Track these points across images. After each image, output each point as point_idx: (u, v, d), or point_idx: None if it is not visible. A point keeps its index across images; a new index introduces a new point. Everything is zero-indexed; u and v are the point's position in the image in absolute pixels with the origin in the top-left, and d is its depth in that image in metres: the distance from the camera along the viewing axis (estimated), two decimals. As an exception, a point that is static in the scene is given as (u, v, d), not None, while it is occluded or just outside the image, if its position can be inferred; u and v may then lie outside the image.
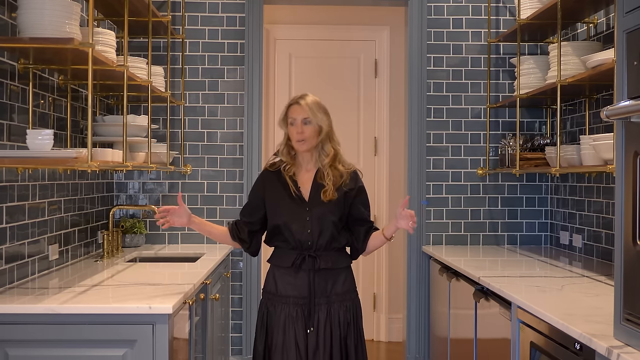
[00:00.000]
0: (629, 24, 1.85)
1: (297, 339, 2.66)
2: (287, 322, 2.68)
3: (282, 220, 2.70)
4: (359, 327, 2.77)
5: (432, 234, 4.45)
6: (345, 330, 2.71)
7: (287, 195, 2.73)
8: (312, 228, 2.68)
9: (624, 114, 1.82)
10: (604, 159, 3.02)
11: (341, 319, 2.70)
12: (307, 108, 2.68)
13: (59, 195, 3.27)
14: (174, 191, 4.39)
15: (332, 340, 2.67)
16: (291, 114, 2.71)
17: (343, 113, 5.55)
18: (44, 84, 3.10)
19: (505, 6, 4.45)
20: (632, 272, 1.83)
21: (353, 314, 2.75)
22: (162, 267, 3.53)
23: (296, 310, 2.68)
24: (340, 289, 2.73)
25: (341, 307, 2.71)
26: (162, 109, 4.29)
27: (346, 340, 2.70)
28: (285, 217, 2.70)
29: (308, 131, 2.68)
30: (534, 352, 2.48)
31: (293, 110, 2.71)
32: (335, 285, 2.72)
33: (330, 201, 2.70)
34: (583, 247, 3.91)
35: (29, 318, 2.37)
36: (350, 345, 2.70)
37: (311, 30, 5.54)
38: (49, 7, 2.53)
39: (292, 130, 2.70)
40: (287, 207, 2.71)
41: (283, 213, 2.71)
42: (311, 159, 2.76)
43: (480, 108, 4.46)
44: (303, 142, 2.69)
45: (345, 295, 2.74)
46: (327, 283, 2.71)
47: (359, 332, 2.76)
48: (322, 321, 2.67)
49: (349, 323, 2.72)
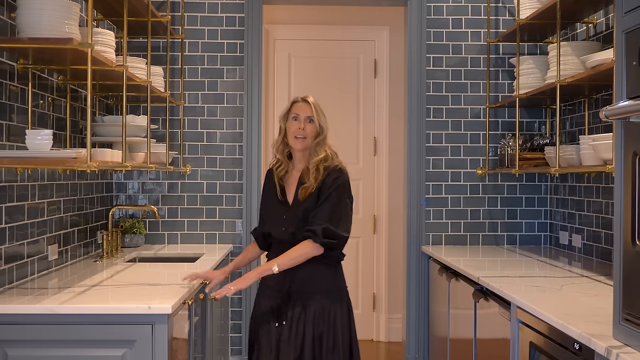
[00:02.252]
0: (628, 24, 1.85)
1: (273, 330, 2.70)
2: (266, 313, 2.73)
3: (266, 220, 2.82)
4: (336, 329, 2.67)
5: (432, 234, 4.45)
6: (320, 330, 2.66)
7: (274, 196, 2.82)
8: (286, 226, 2.73)
9: (623, 114, 1.82)
10: (603, 159, 3.02)
11: (316, 317, 2.66)
12: (312, 107, 2.74)
13: (58, 196, 3.27)
14: (173, 191, 4.39)
15: (304, 337, 2.65)
16: (296, 110, 2.75)
17: (343, 113, 5.56)
18: (43, 84, 3.10)
19: (504, 6, 4.45)
20: (632, 272, 1.83)
21: (332, 314, 2.68)
22: (161, 268, 3.53)
23: (275, 302, 2.72)
24: (317, 287, 2.70)
25: (318, 305, 2.67)
26: (161, 109, 4.29)
27: (320, 340, 2.65)
28: (268, 217, 2.82)
29: (309, 129, 2.73)
30: (533, 352, 2.48)
31: (299, 107, 2.76)
32: (311, 282, 2.70)
33: (307, 200, 2.71)
34: (582, 247, 3.91)
35: (29, 318, 2.37)
36: (324, 346, 2.65)
37: (310, 30, 5.54)
38: (48, 7, 2.53)
39: (294, 125, 2.73)
40: (272, 208, 2.81)
41: (267, 213, 2.84)
42: (302, 158, 2.79)
43: (479, 108, 4.46)
44: (302, 139, 2.73)
45: (325, 293, 2.70)
46: (302, 279, 2.69)
47: (335, 335, 2.67)
48: (296, 316, 2.67)
49: (323, 323, 2.66)
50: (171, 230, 4.37)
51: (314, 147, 2.74)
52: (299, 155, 2.79)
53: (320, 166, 2.73)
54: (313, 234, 2.66)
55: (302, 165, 2.79)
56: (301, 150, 2.76)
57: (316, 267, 2.71)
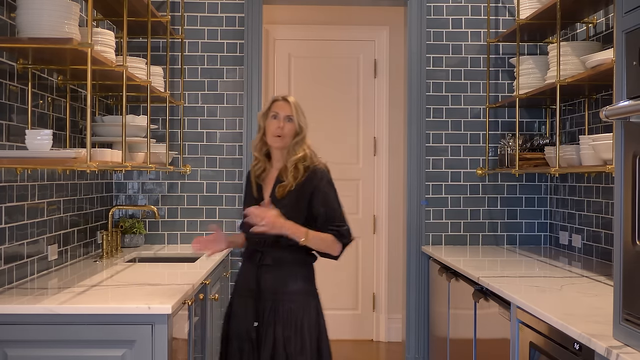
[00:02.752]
0: (628, 24, 1.85)
1: (247, 331, 2.69)
2: (240, 313, 2.72)
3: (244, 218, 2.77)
4: (303, 333, 2.65)
5: (432, 234, 4.45)
6: (288, 332, 2.64)
7: (251, 195, 2.82)
8: None
9: (623, 114, 1.82)
10: (603, 159, 3.02)
11: (285, 319, 2.65)
12: (292, 106, 2.76)
13: (58, 196, 3.27)
14: (173, 191, 4.39)
15: (275, 338, 2.64)
16: (276, 109, 2.76)
17: (342, 113, 5.56)
18: (43, 84, 3.10)
19: (504, 6, 4.45)
20: (632, 272, 1.83)
21: (298, 317, 2.66)
22: (161, 268, 3.53)
23: (248, 302, 2.71)
24: (288, 288, 2.68)
25: (286, 307, 2.66)
26: (161, 109, 4.29)
27: (289, 342, 2.64)
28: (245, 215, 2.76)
29: (288, 128, 2.73)
30: (533, 352, 2.48)
31: (279, 106, 2.77)
32: (283, 283, 2.68)
33: (284, 199, 2.70)
34: (582, 247, 3.91)
35: (28, 318, 2.37)
36: (292, 349, 2.63)
37: (310, 30, 5.54)
38: (48, 7, 2.53)
39: (273, 124, 2.74)
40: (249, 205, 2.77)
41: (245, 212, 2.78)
42: (281, 157, 2.79)
43: (479, 108, 4.46)
44: (280, 138, 2.73)
45: (293, 294, 2.68)
46: (274, 280, 2.69)
47: (302, 338, 2.65)
48: (267, 317, 2.66)
49: (292, 325, 2.64)
50: (171, 230, 4.37)
51: (293, 146, 2.74)
52: (277, 154, 2.79)
53: (299, 165, 2.72)
54: (339, 235, 2.68)
55: (280, 164, 2.78)
56: (279, 148, 2.76)
57: (294, 268, 2.72)
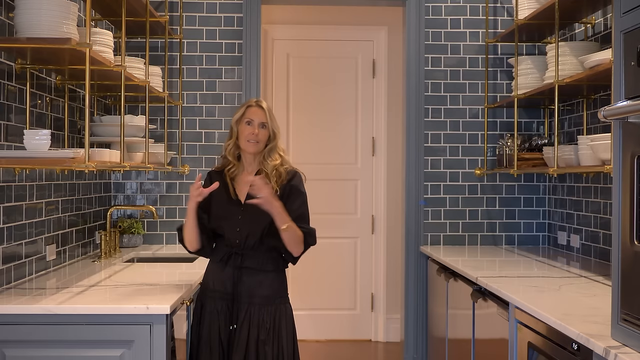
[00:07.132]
0: (627, 24, 1.85)
1: (220, 334, 2.69)
2: (213, 316, 2.71)
3: (218, 219, 2.77)
4: (281, 336, 2.70)
5: (430, 234, 4.45)
6: (264, 335, 2.66)
7: (226, 196, 2.80)
8: (242, 227, 2.72)
9: (622, 114, 1.82)
10: (601, 159, 3.02)
11: (261, 322, 2.68)
12: (266, 113, 2.81)
13: (56, 196, 3.27)
14: (171, 191, 4.39)
15: (248, 341, 2.65)
16: (250, 115, 2.80)
17: (341, 113, 5.56)
18: (41, 84, 3.09)
19: (503, 6, 4.46)
20: (630, 272, 1.83)
21: (276, 321, 2.70)
22: (159, 268, 3.53)
23: (221, 305, 2.71)
24: (265, 292, 2.71)
25: (263, 310, 2.69)
26: (159, 109, 4.29)
27: (264, 346, 2.66)
28: (221, 216, 2.77)
29: (262, 134, 2.79)
30: (531, 353, 2.48)
31: (253, 112, 2.80)
32: (260, 286, 2.71)
33: None
34: (581, 248, 3.92)
35: (27, 318, 2.37)
36: (268, 352, 2.65)
37: (309, 30, 5.54)
38: (46, 7, 2.53)
39: (247, 130, 2.78)
40: (224, 207, 2.78)
41: (219, 213, 2.78)
42: (254, 161, 2.83)
43: (478, 108, 4.47)
44: (255, 144, 2.77)
45: (270, 299, 2.71)
46: (251, 283, 2.70)
47: (279, 342, 2.69)
48: (242, 320, 2.68)
49: (269, 329, 2.68)
50: (169, 230, 4.37)
51: (268, 152, 2.80)
52: (250, 158, 2.83)
53: (280, 169, 2.78)
54: (309, 234, 2.72)
55: (252, 168, 2.83)
56: (253, 153, 2.81)
57: (271, 272, 2.74)
